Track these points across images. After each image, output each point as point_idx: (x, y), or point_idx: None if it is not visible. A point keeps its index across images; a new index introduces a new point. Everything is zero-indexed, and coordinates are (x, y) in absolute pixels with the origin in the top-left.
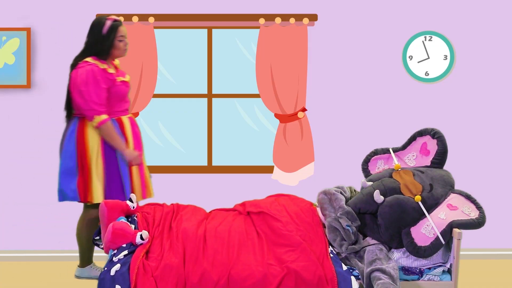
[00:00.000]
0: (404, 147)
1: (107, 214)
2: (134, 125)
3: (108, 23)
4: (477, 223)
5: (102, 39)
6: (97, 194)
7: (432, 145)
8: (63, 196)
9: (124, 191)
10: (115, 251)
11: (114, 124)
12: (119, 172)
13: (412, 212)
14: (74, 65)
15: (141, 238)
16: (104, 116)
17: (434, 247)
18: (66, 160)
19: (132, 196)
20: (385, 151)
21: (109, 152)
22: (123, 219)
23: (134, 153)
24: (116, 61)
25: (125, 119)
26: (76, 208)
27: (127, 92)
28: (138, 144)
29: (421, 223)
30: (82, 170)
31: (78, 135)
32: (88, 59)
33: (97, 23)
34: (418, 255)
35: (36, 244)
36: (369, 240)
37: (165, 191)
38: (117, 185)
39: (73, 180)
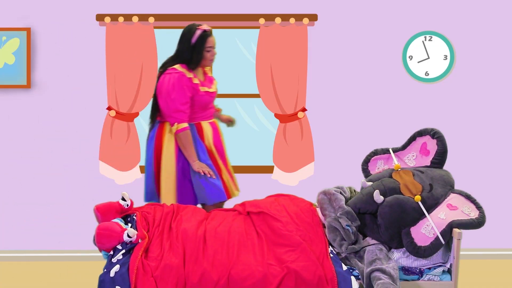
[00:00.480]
0: (404, 147)
1: (100, 219)
2: (215, 130)
3: (198, 32)
4: (477, 223)
5: (190, 49)
6: (167, 199)
7: (432, 145)
8: (149, 198)
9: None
10: (112, 252)
11: (192, 129)
12: (191, 179)
13: (412, 212)
14: (162, 71)
15: (128, 236)
16: (184, 124)
17: (434, 247)
18: (147, 164)
19: (124, 194)
20: (385, 151)
21: (185, 159)
22: (117, 220)
23: (202, 165)
24: (207, 67)
25: (205, 124)
26: (76, 208)
27: (210, 102)
28: (220, 149)
29: (421, 223)
30: (158, 174)
31: (156, 140)
32: (176, 66)
33: (188, 32)
34: (418, 255)
35: (36, 244)
36: (369, 240)
37: None
38: (188, 191)
39: (154, 183)
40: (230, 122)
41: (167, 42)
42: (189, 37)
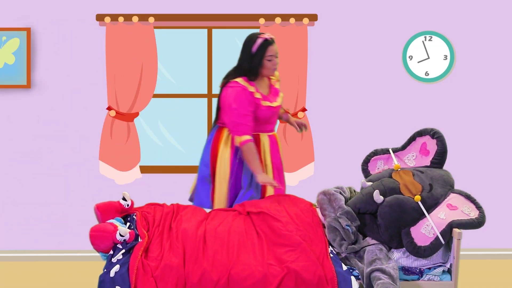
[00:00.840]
0: (404, 147)
1: (100, 217)
2: (274, 144)
3: (259, 41)
4: (477, 223)
5: (251, 58)
6: (219, 205)
7: (432, 145)
8: (199, 201)
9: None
10: (112, 252)
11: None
12: (242, 186)
13: (412, 212)
14: (225, 82)
15: (120, 235)
16: (246, 137)
17: (434, 247)
18: (202, 168)
19: (125, 194)
20: (385, 151)
21: (239, 165)
22: (115, 220)
23: (265, 177)
24: (274, 77)
25: (264, 137)
26: (76, 208)
27: (271, 116)
28: (278, 166)
29: (421, 223)
30: (214, 179)
31: (213, 144)
32: (239, 79)
33: (249, 41)
34: (418, 255)
35: (36, 244)
36: (369, 240)
37: (165, 191)
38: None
39: (207, 188)
40: (301, 126)
41: (167, 42)
42: (249, 46)
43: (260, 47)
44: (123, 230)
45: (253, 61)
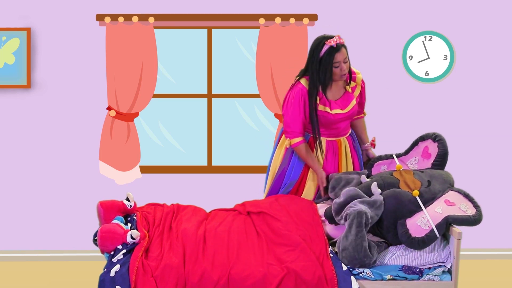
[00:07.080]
0: (407, 152)
1: (103, 214)
2: (332, 150)
3: (325, 48)
4: (473, 220)
5: (318, 63)
6: (265, 193)
7: (433, 148)
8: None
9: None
10: (113, 252)
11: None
12: (285, 177)
13: (408, 204)
14: (292, 85)
15: (131, 237)
16: (297, 139)
17: (428, 239)
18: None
19: (129, 194)
20: (389, 156)
21: (286, 157)
22: (118, 219)
23: (321, 177)
24: (353, 82)
25: (321, 140)
26: (76, 208)
27: (329, 123)
28: (326, 169)
29: (417, 215)
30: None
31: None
32: (303, 80)
33: (316, 46)
34: (412, 246)
35: (36, 244)
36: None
37: (165, 191)
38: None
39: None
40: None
41: (167, 42)
42: (317, 51)
43: (326, 54)
44: (135, 233)
45: (320, 67)
